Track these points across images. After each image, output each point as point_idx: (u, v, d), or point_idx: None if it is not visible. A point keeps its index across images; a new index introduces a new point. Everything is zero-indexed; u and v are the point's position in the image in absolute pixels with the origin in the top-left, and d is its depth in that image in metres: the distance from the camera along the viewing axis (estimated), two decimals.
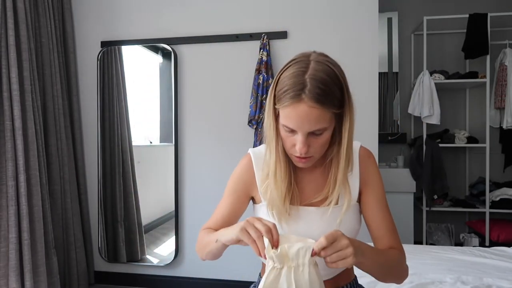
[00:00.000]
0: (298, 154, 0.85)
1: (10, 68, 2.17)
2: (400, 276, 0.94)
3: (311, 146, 0.84)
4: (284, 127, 0.85)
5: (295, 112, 0.80)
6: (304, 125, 0.81)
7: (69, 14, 2.79)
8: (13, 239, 2.12)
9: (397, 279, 0.94)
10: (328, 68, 0.82)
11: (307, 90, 0.79)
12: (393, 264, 0.91)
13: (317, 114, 0.80)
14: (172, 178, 2.73)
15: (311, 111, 0.79)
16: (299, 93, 0.79)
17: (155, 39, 2.74)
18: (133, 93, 2.86)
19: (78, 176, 2.79)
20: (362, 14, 2.50)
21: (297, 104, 0.79)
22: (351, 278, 1.02)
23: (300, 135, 0.83)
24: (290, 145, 0.87)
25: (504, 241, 3.04)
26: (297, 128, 0.82)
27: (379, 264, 0.86)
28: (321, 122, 0.81)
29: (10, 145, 2.16)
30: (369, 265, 0.82)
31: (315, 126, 0.81)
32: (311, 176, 0.96)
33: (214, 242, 0.89)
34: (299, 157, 0.87)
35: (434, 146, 3.21)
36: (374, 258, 0.84)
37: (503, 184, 3.35)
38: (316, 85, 0.79)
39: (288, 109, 0.81)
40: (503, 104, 3.25)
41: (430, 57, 3.44)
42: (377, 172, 0.98)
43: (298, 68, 0.82)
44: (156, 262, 2.82)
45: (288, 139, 0.86)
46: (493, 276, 1.68)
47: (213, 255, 0.94)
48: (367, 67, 2.50)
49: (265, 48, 2.52)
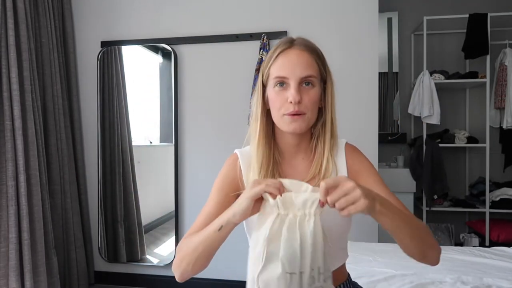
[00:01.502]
0: (292, 108, 0.87)
1: (10, 68, 2.18)
2: (432, 246, 0.82)
3: (302, 99, 0.88)
4: (275, 82, 0.90)
5: (287, 58, 0.89)
6: (295, 69, 0.88)
7: (69, 14, 2.79)
8: (13, 239, 2.13)
9: (429, 248, 0.81)
10: (312, 42, 0.95)
11: (296, 41, 0.92)
12: (419, 227, 0.81)
13: (307, 58, 0.89)
14: (172, 178, 2.73)
15: (301, 53, 0.89)
16: (289, 43, 0.91)
17: (155, 39, 2.74)
18: (133, 93, 2.86)
19: (78, 176, 2.79)
20: (362, 14, 2.50)
21: (288, 50, 0.90)
22: (345, 278, 1.01)
23: (293, 82, 0.88)
24: (283, 102, 0.89)
25: (504, 241, 3.04)
26: (289, 74, 0.88)
27: (401, 219, 0.75)
28: (311, 68, 0.89)
29: (10, 145, 2.17)
30: (390, 216, 0.73)
31: (306, 71, 0.88)
32: (296, 162, 0.97)
33: (214, 233, 0.81)
34: (292, 115, 0.88)
35: (434, 146, 3.21)
36: (395, 210, 0.75)
37: (503, 184, 3.35)
38: (304, 41, 0.93)
39: (279, 59, 0.90)
40: (503, 104, 3.25)
41: (430, 57, 3.44)
42: (366, 160, 0.97)
43: (286, 38, 0.94)
44: (156, 262, 2.82)
45: (280, 97, 0.89)
46: (493, 276, 1.68)
47: (205, 257, 0.85)
48: (367, 67, 2.50)
49: (265, 48, 2.52)
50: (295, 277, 0.70)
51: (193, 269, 0.87)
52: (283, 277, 0.70)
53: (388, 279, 1.66)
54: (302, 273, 0.71)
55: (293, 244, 0.70)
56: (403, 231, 0.77)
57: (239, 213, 0.76)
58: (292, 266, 0.70)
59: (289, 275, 0.70)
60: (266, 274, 0.71)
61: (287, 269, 0.70)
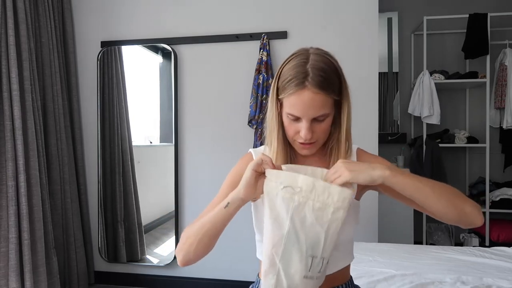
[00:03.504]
0: (303, 141, 0.90)
1: (10, 68, 2.18)
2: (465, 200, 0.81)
3: (314, 132, 0.89)
4: (288, 116, 0.89)
5: (300, 99, 0.85)
6: (309, 111, 0.86)
7: (69, 14, 2.79)
8: (13, 239, 2.12)
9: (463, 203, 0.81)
10: (326, 59, 0.88)
11: (309, 78, 0.84)
12: (445, 186, 0.83)
13: (320, 100, 0.85)
14: (172, 178, 2.73)
15: (314, 97, 0.85)
16: (302, 81, 0.85)
17: (155, 39, 2.74)
18: (133, 93, 2.86)
19: (78, 176, 2.79)
20: (362, 14, 2.50)
21: (301, 91, 0.85)
22: (347, 279, 1.02)
23: (305, 121, 0.87)
24: (294, 132, 0.91)
25: (504, 241, 3.04)
26: (302, 115, 0.87)
27: (419, 180, 0.81)
28: (324, 107, 0.87)
29: (10, 145, 2.17)
30: (402, 180, 0.79)
31: (319, 112, 0.86)
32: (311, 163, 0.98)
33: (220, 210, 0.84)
34: (303, 144, 0.91)
35: (434, 146, 3.21)
36: (412, 178, 0.81)
37: (503, 184, 3.35)
38: (318, 73, 0.85)
39: (292, 97, 0.86)
40: (503, 104, 3.25)
41: (430, 57, 3.44)
42: (375, 156, 1.02)
43: (299, 60, 0.88)
44: (156, 262, 2.82)
45: (292, 127, 0.90)
46: (493, 276, 1.68)
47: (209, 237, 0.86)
48: (367, 67, 2.50)
49: (265, 48, 2.52)
50: (316, 260, 0.77)
51: (196, 251, 0.87)
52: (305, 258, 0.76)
53: (388, 279, 1.66)
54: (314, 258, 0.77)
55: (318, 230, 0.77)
56: (424, 192, 0.80)
57: (243, 186, 0.82)
58: (315, 250, 0.77)
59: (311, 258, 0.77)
60: (287, 254, 0.77)
61: (310, 252, 0.76)
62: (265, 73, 2.48)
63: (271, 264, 0.78)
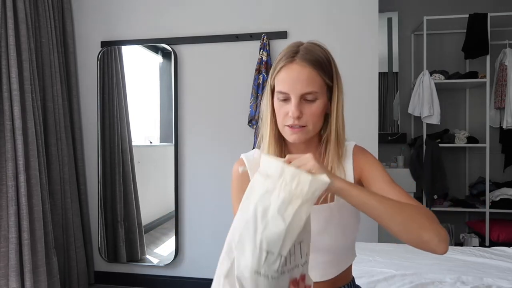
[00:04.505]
0: (291, 122, 0.88)
1: (10, 68, 2.18)
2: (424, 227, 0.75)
3: (303, 113, 0.88)
4: (278, 95, 0.90)
5: (288, 74, 0.87)
6: (296, 85, 0.86)
7: (69, 14, 2.79)
8: (13, 239, 2.13)
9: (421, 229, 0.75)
10: (318, 47, 0.92)
11: (299, 54, 0.88)
12: (407, 209, 0.77)
13: (308, 74, 0.86)
14: (172, 178, 2.73)
15: (302, 70, 0.86)
16: (292, 56, 0.88)
17: (155, 39, 2.74)
18: (133, 93, 2.86)
19: (78, 176, 2.79)
20: (362, 14, 2.50)
21: (290, 65, 0.87)
22: (349, 280, 1.03)
23: (293, 98, 0.87)
24: (284, 115, 0.90)
25: (504, 241, 3.04)
26: (290, 90, 0.87)
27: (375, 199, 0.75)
28: (312, 84, 0.87)
29: (10, 145, 2.17)
30: (356, 195, 0.74)
31: (307, 88, 0.86)
32: None
33: None
34: (293, 128, 0.89)
35: (434, 146, 3.21)
36: (363, 191, 0.75)
37: (503, 184, 3.35)
38: (307, 52, 0.88)
39: (281, 73, 0.88)
40: (503, 104, 3.25)
41: (430, 57, 3.44)
42: (371, 157, 0.96)
43: (293, 45, 0.92)
44: (156, 262, 2.82)
45: (282, 110, 0.90)
46: (493, 276, 1.68)
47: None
48: (367, 67, 2.50)
49: (265, 48, 2.52)
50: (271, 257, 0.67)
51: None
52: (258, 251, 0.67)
53: (388, 279, 1.66)
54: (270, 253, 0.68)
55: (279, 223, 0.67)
56: (376, 210, 0.74)
57: None
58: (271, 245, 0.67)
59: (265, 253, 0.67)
60: (241, 243, 0.69)
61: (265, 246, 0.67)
62: (265, 73, 2.48)
63: (228, 249, 0.73)
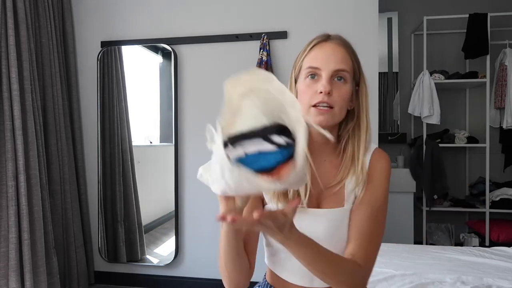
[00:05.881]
0: (320, 99, 0.84)
1: (10, 68, 2.17)
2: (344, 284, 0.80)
3: (333, 92, 0.85)
4: (307, 71, 0.88)
5: (321, 50, 0.88)
6: (330, 61, 0.86)
7: (69, 14, 2.79)
8: (13, 239, 2.12)
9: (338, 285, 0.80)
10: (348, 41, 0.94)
11: (332, 36, 0.91)
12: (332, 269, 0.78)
13: (342, 52, 0.88)
14: (172, 178, 2.73)
15: (337, 47, 0.88)
16: (325, 38, 0.91)
17: (155, 39, 2.74)
18: (133, 93, 2.86)
19: (78, 176, 2.79)
20: (362, 14, 2.50)
21: (323, 43, 0.89)
22: None
23: (324, 74, 0.86)
24: (311, 94, 0.86)
25: (504, 241, 3.04)
26: (322, 65, 0.86)
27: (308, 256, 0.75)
28: (344, 62, 0.87)
29: (10, 145, 2.16)
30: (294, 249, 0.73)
31: (340, 64, 0.86)
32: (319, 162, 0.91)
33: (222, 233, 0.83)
34: (320, 108, 0.85)
35: (434, 146, 3.21)
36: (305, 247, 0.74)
37: (503, 184, 3.35)
38: (340, 38, 0.92)
39: (313, 51, 0.89)
40: (503, 104, 3.25)
41: (430, 57, 3.44)
42: (384, 176, 0.90)
43: (321, 35, 0.93)
44: (156, 262, 2.82)
45: (310, 89, 0.87)
46: (493, 276, 1.68)
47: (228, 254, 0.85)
48: (367, 67, 2.47)
49: (265, 48, 2.52)
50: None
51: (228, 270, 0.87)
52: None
53: (388, 279, 1.66)
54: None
55: None
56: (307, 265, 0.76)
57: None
58: None
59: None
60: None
61: None
62: None
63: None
